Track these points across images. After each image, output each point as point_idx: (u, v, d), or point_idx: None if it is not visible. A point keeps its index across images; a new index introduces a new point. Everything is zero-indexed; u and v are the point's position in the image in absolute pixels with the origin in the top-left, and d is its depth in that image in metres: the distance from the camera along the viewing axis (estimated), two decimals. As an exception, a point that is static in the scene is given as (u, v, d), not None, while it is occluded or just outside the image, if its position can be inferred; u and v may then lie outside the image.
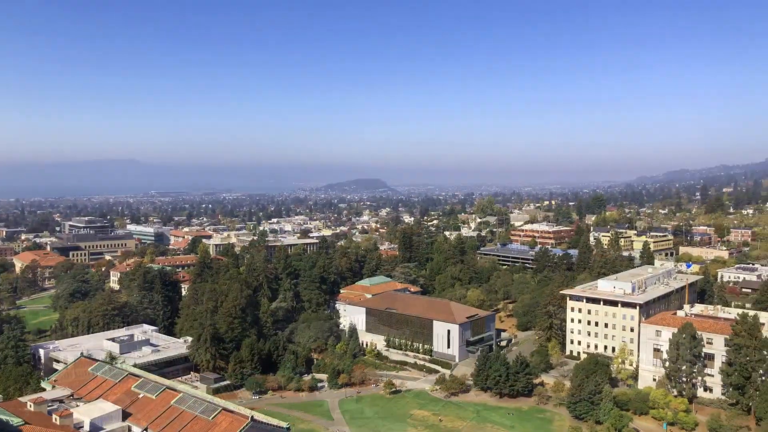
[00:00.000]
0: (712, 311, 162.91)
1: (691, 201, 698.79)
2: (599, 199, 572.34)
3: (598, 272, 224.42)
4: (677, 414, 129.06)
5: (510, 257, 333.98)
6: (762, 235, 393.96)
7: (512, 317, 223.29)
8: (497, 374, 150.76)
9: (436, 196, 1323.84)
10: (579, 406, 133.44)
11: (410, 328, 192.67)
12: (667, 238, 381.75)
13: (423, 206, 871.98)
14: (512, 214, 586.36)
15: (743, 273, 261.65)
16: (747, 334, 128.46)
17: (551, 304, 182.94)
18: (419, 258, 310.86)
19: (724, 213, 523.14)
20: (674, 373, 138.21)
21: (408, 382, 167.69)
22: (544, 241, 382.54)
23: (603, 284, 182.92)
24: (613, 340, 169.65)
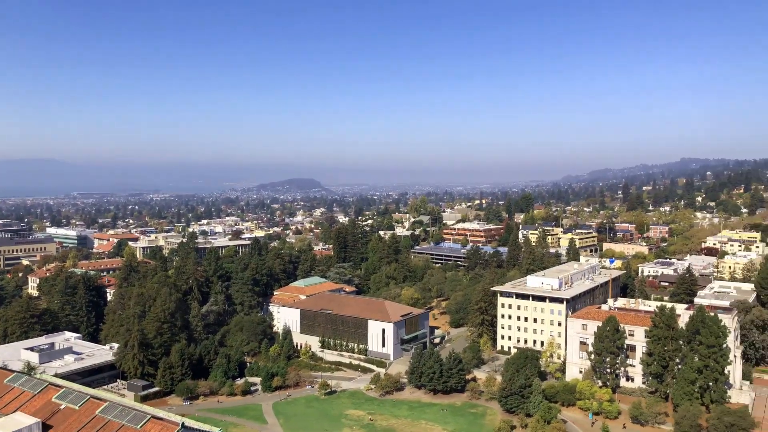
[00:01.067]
0: (633, 304, 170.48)
1: (613, 199, 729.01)
2: (527, 198, 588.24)
3: (527, 269, 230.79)
4: (602, 404, 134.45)
5: (443, 255, 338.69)
6: (678, 231, 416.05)
7: (445, 314, 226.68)
8: (431, 371, 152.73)
9: (370, 195, 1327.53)
10: (510, 400, 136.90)
11: (345, 329, 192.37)
12: (591, 235, 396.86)
13: (358, 206, 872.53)
14: (445, 213, 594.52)
15: (662, 267, 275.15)
16: (665, 325, 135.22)
17: (483, 301, 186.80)
18: (354, 258, 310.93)
19: (644, 210, 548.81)
20: (599, 364, 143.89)
21: (343, 383, 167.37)
22: (475, 240, 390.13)
23: (532, 280, 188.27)
24: (542, 334, 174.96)
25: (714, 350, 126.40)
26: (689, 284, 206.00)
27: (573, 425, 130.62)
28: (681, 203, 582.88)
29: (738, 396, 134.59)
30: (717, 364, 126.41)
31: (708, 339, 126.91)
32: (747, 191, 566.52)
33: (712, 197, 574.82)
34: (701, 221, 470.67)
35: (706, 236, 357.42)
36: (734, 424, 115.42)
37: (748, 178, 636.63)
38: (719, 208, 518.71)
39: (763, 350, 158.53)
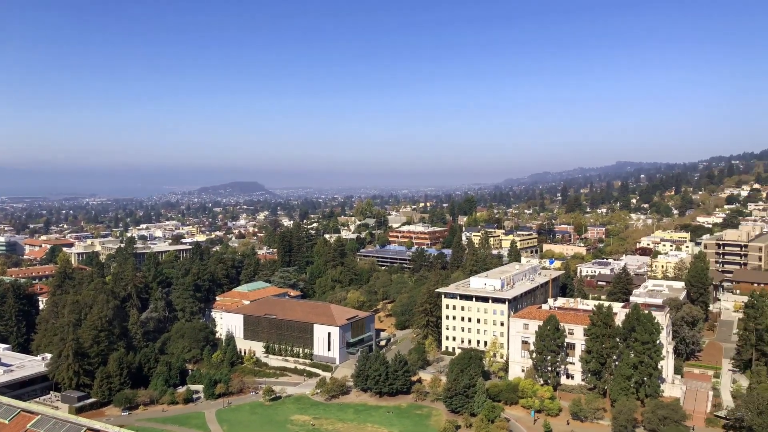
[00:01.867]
0: (572, 304, 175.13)
1: (553, 201, 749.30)
2: (470, 201, 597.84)
3: (471, 270, 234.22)
4: (544, 401, 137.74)
5: (389, 258, 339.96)
6: (614, 232, 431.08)
7: (391, 317, 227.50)
8: (377, 374, 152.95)
9: (315, 199, 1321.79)
10: (455, 400, 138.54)
11: (290, 333, 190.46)
12: (532, 236, 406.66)
13: (302, 209, 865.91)
14: (390, 216, 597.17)
15: (599, 267, 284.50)
16: (602, 323, 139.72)
17: (427, 303, 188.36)
18: (299, 262, 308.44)
19: (581, 212, 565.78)
20: (540, 363, 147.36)
21: (288, 388, 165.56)
22: (420, 242, 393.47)
23: (475, 281, 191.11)
24: (485, 334, 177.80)
25: (648, 346, 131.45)
26: (625, 283, 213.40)
27: (516, 423, 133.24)
28: (617, 205, 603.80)
29: (670, 390, 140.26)
30: (651, 359, 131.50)
31: (642, 336, 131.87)
32: (677, 193, 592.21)
33: (646, 199, 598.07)
34: (636, 222, 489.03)
35: (641, 237, 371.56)
36: (667, 416, 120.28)
37: (679, 180, 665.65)
38: (652, 210, 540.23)
39: (693, 345, 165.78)
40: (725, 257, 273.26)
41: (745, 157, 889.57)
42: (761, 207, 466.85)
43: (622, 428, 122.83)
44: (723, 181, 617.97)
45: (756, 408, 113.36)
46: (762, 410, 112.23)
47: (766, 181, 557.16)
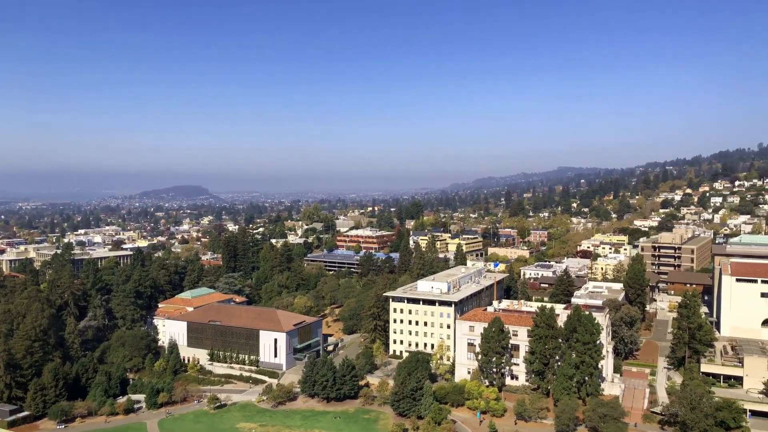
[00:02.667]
0: (516, 306, 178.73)
1: (497, 206, 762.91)
2: (417, 205, 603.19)
3: (418, 274, 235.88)
4: (489, 402, 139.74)
5: (336, 263, 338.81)
6: (556, 235, 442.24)
7: (339, 322, 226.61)
8: (324, 379, 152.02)
9: (261, 203, 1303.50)
10: (402, 404, 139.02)
11: (236, 340, 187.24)
12: (477, 240, 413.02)
13: (248, 214, 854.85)
14: (338, 220, 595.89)
15: (541, 270, 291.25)
16: (545, 324, 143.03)
17: (375, 307, 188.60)
18: (245, 267, 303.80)
19: (525, 216, 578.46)
20: (485, 364, 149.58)
21: (234, 395, 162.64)
22: (368, 246, 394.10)
23: (422, 285, 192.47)
24: (432, 337, 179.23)
25: (589, 346, 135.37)
26: (566, 285, 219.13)
27: (462, 425, 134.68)
28: (558, 209, 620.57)
29: (610, 388, 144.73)
30: (592, 359, 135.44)
31: (584, 336, 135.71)
32: (616, 198, 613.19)
33: (586, 203, 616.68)
34: (576, 226, 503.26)
35: (581, 240, 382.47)
36: (607, 414, 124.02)
37: (617, 185, 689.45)
38: (592, 214, 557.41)
39: (631, 344, 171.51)
40: (660, 259, 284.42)
41: (678, 163, 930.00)
42: (693, 211, 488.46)
43: (564, 427, 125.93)
44: (658, 186, 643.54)
45: (689, 403, 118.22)
46: (694, 405, 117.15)
47: (697, 186, 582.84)
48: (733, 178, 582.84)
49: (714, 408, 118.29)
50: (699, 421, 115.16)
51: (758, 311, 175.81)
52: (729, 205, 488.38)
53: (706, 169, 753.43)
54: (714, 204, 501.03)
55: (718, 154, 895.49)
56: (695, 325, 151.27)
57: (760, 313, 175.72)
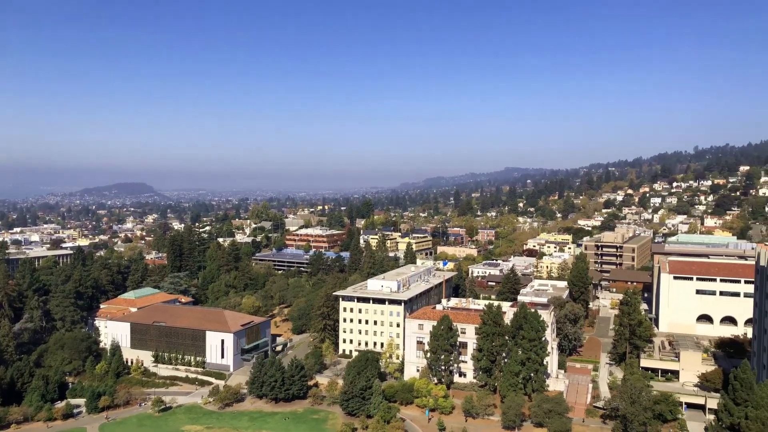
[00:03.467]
0: (465, 304, 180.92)
1: (446, 205, 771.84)
2: (368, 204, 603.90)
3: (368, 273, 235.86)
4: (438, 400, 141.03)
5: (285, 262, 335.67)
6: (503, 234, 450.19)
7: (288, 321, 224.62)
8: (272, 380, 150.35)
9: (208, 201, 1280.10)
10: (351, 403, 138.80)
11: (181, 341, 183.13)
12: (427, 238, 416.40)
13: (194, 212, 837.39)
14: (287, 219, 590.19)
15: (489, 268, 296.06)
16: (492, 322, 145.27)
17: (325, 306, 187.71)
18: (191, 267, 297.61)
19: (473, 215, 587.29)
20: (434, 362, 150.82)
21: (179, 398, 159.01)
22: (318, 245, 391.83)
23: (372, 284, 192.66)
24: (382, 336, 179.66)
25: (535, 343, 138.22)
26: (513, 283, 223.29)
27: (411, 423, 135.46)
28: (505, 209, 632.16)
29: (555, 384, 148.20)
30: (537, 356, 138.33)
31: (529, 333, 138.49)
32: (561, 198, 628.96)
33: (532, 203, 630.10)
34: (523, 225, 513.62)
35: (527, 239, 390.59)
36: (552, 410, 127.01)
37: (562, 186, 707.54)
38: (538, 213, 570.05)
39: (575, 341, 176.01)
40: (603, 258, 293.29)
41: (620, 165, 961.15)
42: (634, 211, 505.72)
43: (511, 423, 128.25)
44: (601, 186, 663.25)
45: (629, 397, 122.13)
46: (634, 399, 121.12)
47: (638, 187, 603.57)
48: (671, 179, 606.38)
49: (652, 401, 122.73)
50: (638, 414, 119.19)
51: (693, 307, 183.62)
52: (667, 205, 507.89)
53: (646, 171, 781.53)
54: (653, 204, 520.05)
55: (658, 156, 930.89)
56: (635, 322, 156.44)
57: (695, 309, 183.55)
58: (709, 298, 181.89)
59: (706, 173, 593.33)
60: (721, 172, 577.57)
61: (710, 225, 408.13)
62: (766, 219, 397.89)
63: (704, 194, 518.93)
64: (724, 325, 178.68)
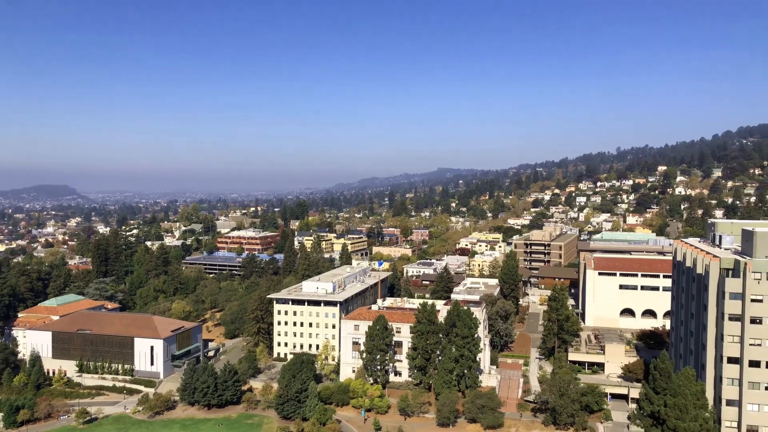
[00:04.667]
0: (400, 303, 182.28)
1: (381, 205, 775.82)
2: (302, 205, 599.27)
3: (303, 274, 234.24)
4: (373, 400, 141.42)
5: (217, 265, 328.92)
6: (437, 234, 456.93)
7: (220, 326, 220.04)
8: (205, 386, 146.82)
9: (135, 203, 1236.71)
10: (286, 406, 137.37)
11: (108, 349, 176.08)
12: (362, 239, 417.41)
13: (121, 215, 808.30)
14: (219, 221, 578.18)
15: (423, 267, 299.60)
16: (427, 320, 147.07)
17: (259, 309, 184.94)
18: (117, 272, 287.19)
19: (407, 215, 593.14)
20: (370, 362, 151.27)
21: (106, 408, 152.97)
22: (251, 248, 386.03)
23: (307, 286, 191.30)
24: (318, 338, 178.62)
25: (468, 340, 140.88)
26: (446, 282, 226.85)
27: (347, 424, 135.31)
28: (439, 209, 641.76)
29: (487, 380, 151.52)
30: (470, 352, 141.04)
31: (463, 331, 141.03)
32: (491, 197, 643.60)
33: (464, 203, 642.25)
34: (455, 225, 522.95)
35: (460, 238, 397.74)
36: (485, 405, 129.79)
37: (492, 186, 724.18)
38: (470, 213, 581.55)
39: (506, 337, 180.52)
40: (532, 255, 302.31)
41: (547, 165, 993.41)
42: (561, 210, 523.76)
43: (445, 420, 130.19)
44: (529, 186, 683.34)
45: (558, 390, 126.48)
46: (563, 392, 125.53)
47: (564, 187, 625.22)
48: (596, 179, 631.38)
49: (579, 393, 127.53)
50: (566, 406, 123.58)
51: (617, 302, 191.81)
52: (592, 204, 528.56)
53: (572, 171, 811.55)
54: (579, 203, 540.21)
55: (583, 156, 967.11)
56: (563, 317, 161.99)
57: (618, 303, 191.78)
58: (631, 293, 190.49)
59: (627, 173, 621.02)
60: (642, 172, 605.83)
61: (632, 222, 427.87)
62: (682, 216, 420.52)
63: (626, 193, 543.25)
64: (645, 318, 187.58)
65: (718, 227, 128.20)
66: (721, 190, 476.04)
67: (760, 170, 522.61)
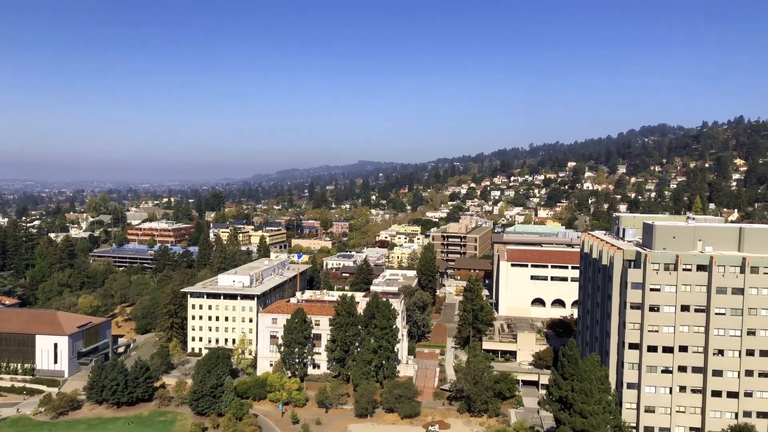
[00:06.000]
0: (319, 296, 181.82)
1: (300, 197, 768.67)
2: (218, 196, 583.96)
3: (219, 268, 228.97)
4: (291, 393, 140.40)
5: (128, 258, 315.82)
6: (357, 226, 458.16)
7: (131, 321, 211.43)
8: (114, 383, 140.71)
9: (37, 193, 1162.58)
10: (201, 402, 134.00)
11: (6, 348, 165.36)
12: (281, 231, 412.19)
13: (21, 205, 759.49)
14: (129, 212, 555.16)
15: (343, 260, 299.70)
16: (346, 313, 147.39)
17: (172, 303, 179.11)
18: (17, 265, 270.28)
19: (327, 208, 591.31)
20: (288, 356, 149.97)
21: (4, 410, 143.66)
22: (164, 240, 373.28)
23: (223, 279, 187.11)
24: (234, 332, 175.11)
25: (386, 331, 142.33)
26: (366, 274, 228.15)
27: (265, 418, 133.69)
28: (359, 201, 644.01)
29: (405, 370, 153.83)
30: (389, 343, 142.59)
31: (381, 322, 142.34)
32: (411, 191, 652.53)
33: (384, 196, 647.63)
34: (375, 217, 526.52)
35: (380, 230, 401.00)
36: (402, 395, 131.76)
37: (411, 179, 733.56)
38: (389, 206, 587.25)
39: (423, 327, 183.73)
40: (449, 247, 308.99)
41: (464, 160, 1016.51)
42: (476, 203, 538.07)
43: (363, 410, 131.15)
44: (447, 180, 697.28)
45: (472, 378, 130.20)
46: (477, 380, 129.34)
47: (480, 181, 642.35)
48: (509, 174, 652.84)
49: (493, 381, 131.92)
50: (480, 394, 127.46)
51: (528, 292, 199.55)
52: (506, 198, 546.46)
53: (488, 166, 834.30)
54: (494, 197, 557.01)
55: (497, 152, 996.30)
56: (478, 307, 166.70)
57: (530, 293, 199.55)
58: (542, 283, 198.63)
59: (539, 168, 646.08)
60: (552, 167, 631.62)
61: (543, 216, 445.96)
62: (589, 210, 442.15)
63: (538, 188, 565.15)
64: (555, 308, 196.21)
65: (622, 221, 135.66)
66: (625, 185, 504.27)
67: (660, 167, 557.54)
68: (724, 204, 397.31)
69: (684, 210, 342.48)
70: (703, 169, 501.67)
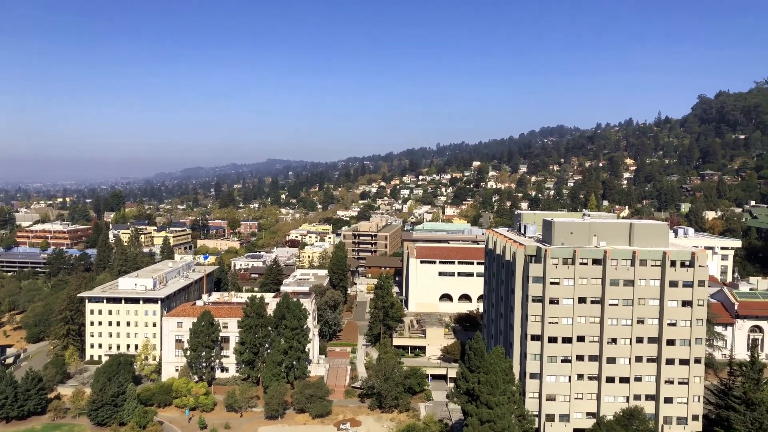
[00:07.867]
0: (227, 297, 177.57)
1: (206, 196, 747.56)
2: (118, 196, 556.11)
3: (119, 270, 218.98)
4: (198, 398, 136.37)
5: (17, 262, 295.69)
6: (266, 226, 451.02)
7: (21, 329, 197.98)
8: (2, 397, 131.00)
9: None
10: (101, 412, 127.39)
11: None
12: (186, 232, 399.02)
13: None
14: (19, 213, 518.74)
15: (252, 260, 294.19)
16: (255, 314, 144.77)
17: (68, 309, 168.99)
18: None
19: (235, 207, 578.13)
20: (195, 360, 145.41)
21: None
22: (58, 242, 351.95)
23: (124, 282, 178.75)
24: (137, 337, 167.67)
25: (297, 332, 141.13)
26: (276, 274, 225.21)
27: (170, 425, 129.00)
28: (268, 200, 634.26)
29: (316, 369, 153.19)
30: (299, 343, 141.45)
31: (292, 322, 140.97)
32: (321, 189, 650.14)
33: (294, 195, 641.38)
34: (285, 216, 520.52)
35: (290, 230, 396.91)
36: (313, 394, 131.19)
37: (322, 178, 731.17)
38: (300, 205, 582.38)
39: (335, 326, 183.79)
40: (360, 246, 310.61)
41: (374, 159, 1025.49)
42: (387, 201, 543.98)
43: (273, 412, 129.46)
44: (358, 179, 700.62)
45: (383, 375, 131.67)
46: (388, 376, 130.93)
47: (389, 180, 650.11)
48: (418, 173, 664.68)
49: (403, 377, 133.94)
50: (391, 389, 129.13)
51: (437, 288, 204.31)
52: (414, 196, 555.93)
53: (397, 165, 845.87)
54: (403, 195, 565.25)
55: (406, 151, 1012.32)
56: (388, 304, 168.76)
57: (438, 289, 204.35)
58: (449, 279, 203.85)
59: (446, 168, 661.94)
60: (459, 167, 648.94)
61: (450, 214, 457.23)
62: (493, 208, 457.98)
63: (445, 186, 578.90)
64: (462, 302, 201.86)
65: (523, 218, 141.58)
66: (527, 184, 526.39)
67: (558, 167, 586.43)
68: (617, 201, 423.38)
69: (580, 207, 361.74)
70: (598, 168, 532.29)
